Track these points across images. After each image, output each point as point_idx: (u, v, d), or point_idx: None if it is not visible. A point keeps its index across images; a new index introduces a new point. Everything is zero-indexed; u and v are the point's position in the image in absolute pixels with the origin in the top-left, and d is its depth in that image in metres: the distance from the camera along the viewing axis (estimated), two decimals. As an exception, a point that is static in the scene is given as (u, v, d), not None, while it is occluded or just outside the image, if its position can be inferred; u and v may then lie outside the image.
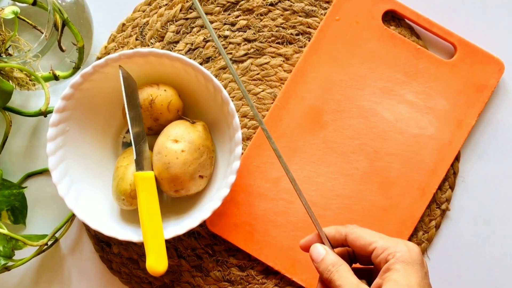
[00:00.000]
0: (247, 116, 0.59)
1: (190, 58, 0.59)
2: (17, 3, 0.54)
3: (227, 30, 0.59)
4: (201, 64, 0.59)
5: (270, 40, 0.59)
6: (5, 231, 0.53)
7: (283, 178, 0.57)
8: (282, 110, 0.58)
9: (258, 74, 0.59)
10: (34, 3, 0.53)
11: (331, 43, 0.58)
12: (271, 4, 0.59)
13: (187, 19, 0.60)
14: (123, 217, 0.55)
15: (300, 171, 0.57)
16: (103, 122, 0.57)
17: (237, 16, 0.60)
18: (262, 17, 0.59)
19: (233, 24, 0.59)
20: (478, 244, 0.58)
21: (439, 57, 0.58)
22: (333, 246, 0.45)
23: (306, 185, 0.57)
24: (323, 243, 0.45)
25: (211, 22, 0.60)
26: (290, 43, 0.59)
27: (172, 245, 0.58)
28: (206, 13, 0.60)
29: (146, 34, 0.60)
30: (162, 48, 0.59)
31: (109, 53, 0.60)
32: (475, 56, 0.57)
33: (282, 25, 0.59)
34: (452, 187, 0.58)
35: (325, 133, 0.58)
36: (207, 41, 0.59)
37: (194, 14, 0.60)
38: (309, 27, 0.59)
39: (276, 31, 0.59)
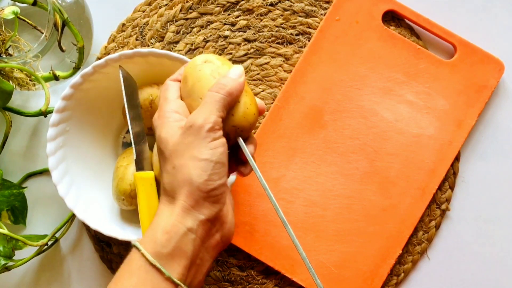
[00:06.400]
0: (247, 116, 0.59)
1: (190, 58, 0.59)
2: (17, 3, 0.54)
3: (227, 30, 0.59)
4: (201, 64, 0.59)
5: (270, 40, 0.59)
6: (5, 231, 0.53)
7: (283, 178, 0.57)
8: (282, 110, 0.58)
9: (258, 74, 0.59)
10: (34, 3, 0.53)
11: (331, 43, 0.58)
12: (271, 4, 0.59)
13: (187, 19, 0.60)
14: (123, 217, 0.55)
15: (300, 171, 0.57)
16: (103, 122, 0.57)
17: (237, 16, 0.60)
18: (262, 17, 0.59)
19: (233, 24, 0.59)
20: (478, 244, 0.58)
21: (439, 57, 0.58)
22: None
23: (306, 185, 0.57)
24: None
25: (211, 22, 0.60)
26: (290, 43, 0.59)
27: (172, 245, 0.58)
28: (206, 13, 0.60)
29: (146, 34, 0.60)
30: (162, 48, 0.59)
31: (109, 53, 0.60)
32: (475, 56, 0.57)
33: (282, 25, 0.59)
34: (452, 187, 0.58)
35: (325, 133, 0.58)
36: (207, 41, 0.59)
37: (194, 14, 0.60)
38: (309, 27, 0.59)
39: (276, 31, 0.59)
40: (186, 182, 0.38)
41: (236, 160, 0.44)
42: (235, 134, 0.42)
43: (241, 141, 0.42)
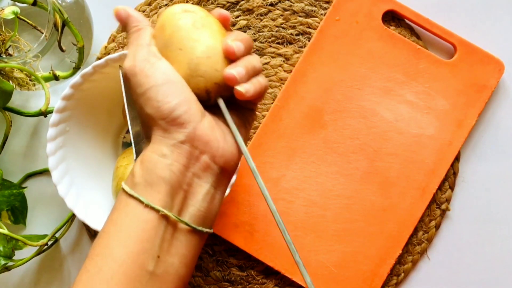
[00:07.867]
0: (247, 116, 0.59)
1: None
2: (17, 3, 0.54)
3: (227, 30, 0.59)
4: (201, 64, 0.59)
5: (270, 40, 0.59)
6: (5, 231, 0.53)
7: (283, 178, 0.57)
8: (282, 110, 0.58)
9: (258, 74, 0.59)
10: (34, 3, 0.53)
11: (331, 43, 0.58)
12: (271, 4, 0.59)
13: (187, 19, 0.60)
14: (123, 217, 0.55)
15: (300, 171, 0.57)
16: (103, 122, 0.57)
17: (237, 16, 0.60)
18: (262, 17, 0.59)
19: (233, 24, 0.59)
20: (478, 244, 0.58)
21: (439, 57, 0.58)
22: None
23: (306, 185, 0.57)
24: None
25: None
26: (290, 43, 0.59)
27: (172, 245, 0.58)
28: (206, 13, 0.60)
29: (146, 34, 0.60)
30: (162, 48, 0.59)
31: (109, 53, 0.60)
32: (475, 56, 0.57)
33: (282, 25, 0.59)
34: (452, 187, 0.58)
35: (325, 133, 0.58)
36: (207, 41, 0.59)
37: (194, 14, 0.60)
38: (309, 27, 0.59)
39: (276, 31, 0.59)
40: (149, 118, 0.38)
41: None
42: (216, 93, 0.37)
43: (221, 102, 0.38)
